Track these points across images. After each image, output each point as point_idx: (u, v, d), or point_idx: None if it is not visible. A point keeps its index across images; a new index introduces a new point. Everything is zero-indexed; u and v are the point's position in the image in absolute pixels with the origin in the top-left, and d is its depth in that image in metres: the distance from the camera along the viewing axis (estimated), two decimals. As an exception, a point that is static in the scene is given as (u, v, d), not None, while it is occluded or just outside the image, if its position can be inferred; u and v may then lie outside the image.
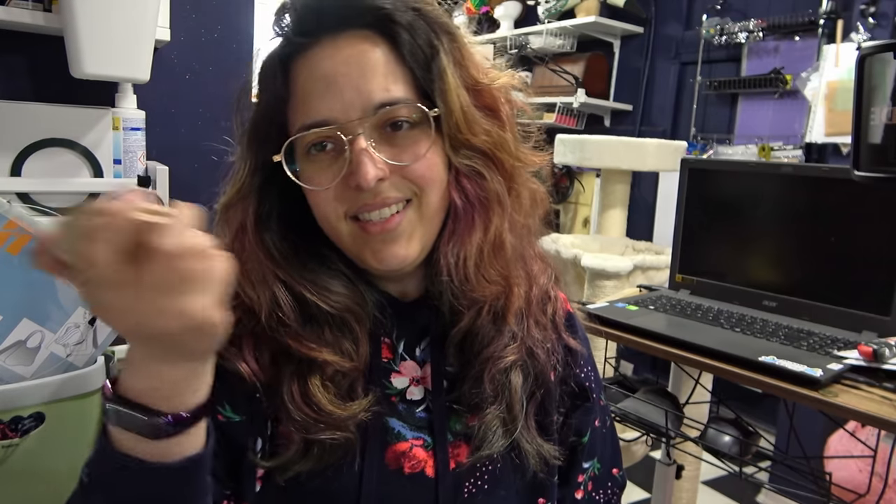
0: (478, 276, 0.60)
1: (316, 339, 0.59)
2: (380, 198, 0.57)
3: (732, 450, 1.10)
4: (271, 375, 0.59)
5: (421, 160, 0.58)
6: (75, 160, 1.36)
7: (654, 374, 3.16)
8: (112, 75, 1.29)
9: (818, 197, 1.19)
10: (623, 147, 2.36)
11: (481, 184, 0.61)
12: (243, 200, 0.60)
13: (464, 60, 0.60)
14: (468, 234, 0.61)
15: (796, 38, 2.84)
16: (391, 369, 0.64)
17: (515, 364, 0.64)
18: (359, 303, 0.61)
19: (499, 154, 0.61)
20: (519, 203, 0.64)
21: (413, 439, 0.63)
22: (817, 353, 1.01)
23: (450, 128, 0.58)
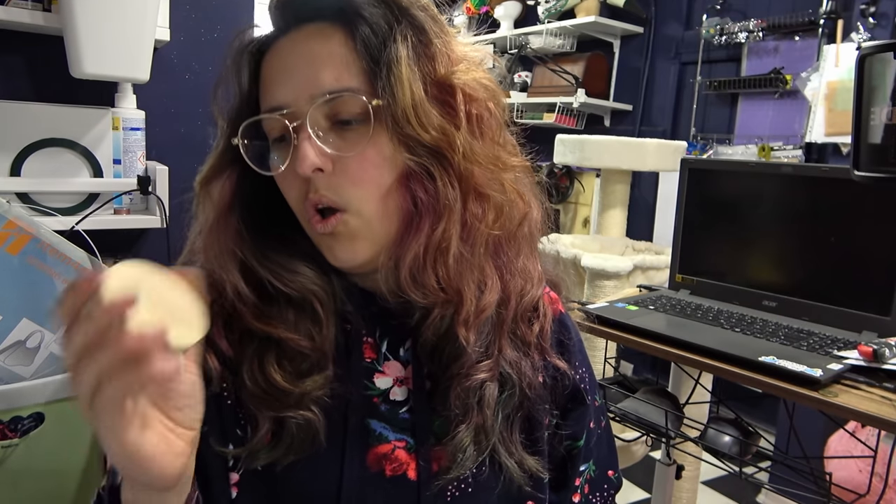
0: (411, 279, 0.58)
1: (276, 317, 0.60)
2: (318, 195, 0.58)
3: (732, 450, 1.10)
4: (238, 353, 0.60)
5: (361, 155, 0.57)
6: (75, 160, 1.36)
7: (653, 374, 3.16)
8: (112, 75, 1.30)
9: (818, 197, 1.19)
10: (623, 147, 2.36)
11: (429, 186, 0.57)
12: (219, 177, 0.62)
13: (429, 51, 0.58)
14: (410, 239, 0.58)
15: (796, 38, 2.84)
16: (374, 369, 0.64)
17: (486, 382, 0.62)
18: (322, 287, 0.61)
19: (449, 154, 0.57)
20: (484, 211, 0.59)
21: (396, 441, 0.62)
22: (817, 353, 1.01)
23: (396, 121, 0.56)
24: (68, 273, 0.94)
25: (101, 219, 1.36)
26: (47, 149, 1.33)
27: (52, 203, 1.32)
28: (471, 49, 0.64)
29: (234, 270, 0.60)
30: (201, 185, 0.62)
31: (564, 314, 0.74)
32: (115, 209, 1.41)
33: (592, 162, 2.44)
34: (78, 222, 1.28)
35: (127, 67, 1.28)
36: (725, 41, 3.00)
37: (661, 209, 3.39)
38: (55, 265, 0.93)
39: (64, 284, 0.94)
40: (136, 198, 1.43)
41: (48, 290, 0.93)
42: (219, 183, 0.62)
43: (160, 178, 1.39)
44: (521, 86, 3.96)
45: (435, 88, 0.58)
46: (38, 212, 1.29)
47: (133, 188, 1.38)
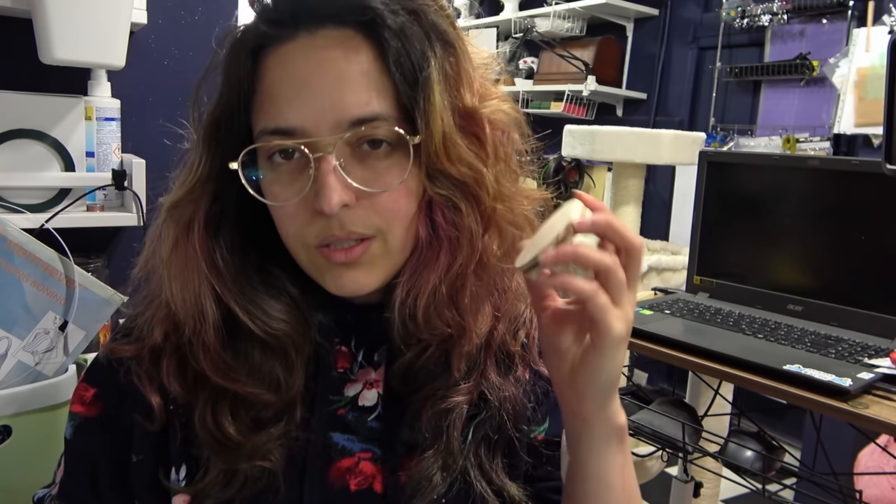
0: (427, 317, 0.58)
1: (240, 364, 0.58)
2: (345, 231, 0.55)
3: (755, 465, 1.10)
4: (190, 396, 0.59)
5: (391, 191, 0.56)
6: (45, 153, 1.35)
7: (670, 383, 3.16)
8: (84, 61, 1.29)
9: (847, 192, 1.19)
10: (636, 139, 2.36)
11: (454, 218, 0.58)
12: (194, 201, 0.58)
13: (457, 75, 0.57)
14: (428, 271, 0.59)
15: (824, 21, 2.84)
16: (347, 379, 0.64)
17: (460, 405, 0.61)
18: (299, 330, 0.60)
19: (477, 190, 0.57)
20: (498, 243, 0.60)
21: (361, 452, 0.62)
22: (846, 361, 1.02)
23: (428, 155, 0.55)
24: (37, 275, 0.94)
25: (73, 216, 1.36)
26: (14, 140, 1.32)
27: (19, 199, 1.32)
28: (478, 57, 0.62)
29: (207, 306, 0.57)
30: (174, 205, 0.59)
31: None
32: (88, 205, 1.41)
33: (604, 155, 2.45)
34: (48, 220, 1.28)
35: (101, 53, 1.28)
36: (747, 24, 3.00)
37: (678, 206, 3.39)
38: (23, 266, 0.93)
39: (33, 287, 0.94)
40: (111, 193, 1.43)
41: (16, 293, 0.92)
42: (197, 204, 0.59)
43: (137, 173, 1.39)
44: (527, 73, 3.96)
45: (461, 118, 0.57)
46: (5, 209, 1.29)
47: (107, 183, 1.38)
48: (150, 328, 0.61)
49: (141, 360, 0.61)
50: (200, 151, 0.58)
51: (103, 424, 0.64)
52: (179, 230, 0.59)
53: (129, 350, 0.62)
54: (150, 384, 0.60)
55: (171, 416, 0.61)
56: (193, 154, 0.59)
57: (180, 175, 0.60)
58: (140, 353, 0.61)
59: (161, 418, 0.60)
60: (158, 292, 0.60)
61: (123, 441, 0.63)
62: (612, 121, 3.69)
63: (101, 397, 0.65)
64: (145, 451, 0.62)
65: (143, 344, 0.61)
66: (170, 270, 0.59)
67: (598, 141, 2.41)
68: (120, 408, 0.63)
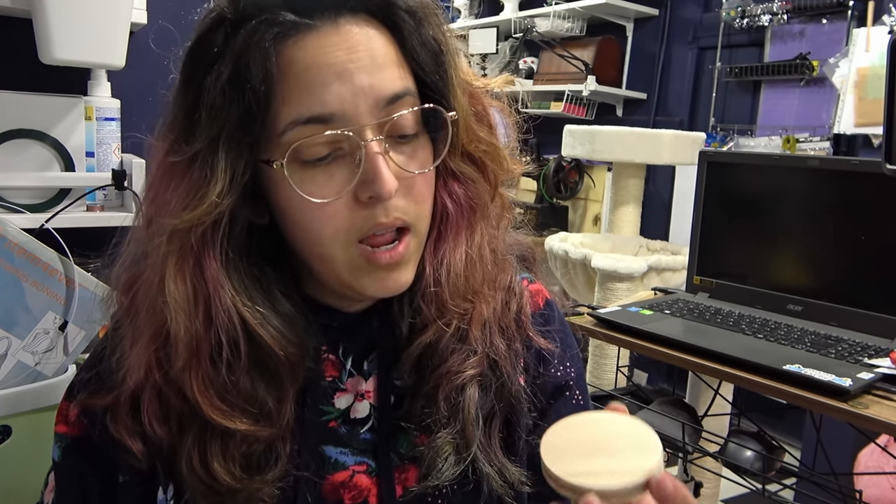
0: (465, 287, 0.61)
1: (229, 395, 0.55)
2: (390, 217, 0.55)
3: (755, 465, 1.11)
4: (175, 440, 0.56)
5: (423, 174, 0.57)
6: (45, 153, 1.36)
7: (670, 383, 3.16)
8: (84, 61, 1.29)
9: (847, 192, 1.19)
10: (636, 139, 2.36)
11: (471, 189, 0.61)
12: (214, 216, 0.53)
13: (459, 59, 0.60)
14: (456, 243, 0.61)
15: (824, 21, 2.85)
16: (336, 388, 0.63)
17: (473, 379, 0.61)
18: (300, 353, 0.58)
19: (490, 164, 0.62)
20: (497, 212, 0.65)
21: (355, 465, 0.61)
22: (846, 361, 1.02)
23: (457, 132, 0.59)
24: (37, 275, 0.94)
25: (73, 216, 1.36)
26: (14, 140, 1.33)
27: (19, 199, 1.32)
28: None
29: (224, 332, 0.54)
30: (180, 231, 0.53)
31: (550, 300, 0.73)
32: (88, 205, 1.41)
33: (603, 155, 2.45)
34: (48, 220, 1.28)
35: (101, 53, 1.28)
36: (747, 24, 3.00)
37: (678, 206, 3.39)
38: (23, 266, 0.93)
39: (33, 287, 0.94)
40: (111, 193, 1.43)
41: (16, 293, 0.93)
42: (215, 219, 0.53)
43: (136, 173, 1.39)
44: (527, 73, 3.96)
45: (469, 96, 0.61)
46: (5, 209, 1.29)
47: (107, 183, 1.38)
48: (128, 369, 0.56)
49: (118, 410, 0.58)
50: (218, 158, 0.53)
51: (90, 444, 0.63)
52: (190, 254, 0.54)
53: (103, 401, 0.59)
54: (131, 435, 0.58)
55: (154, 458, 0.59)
56: (199, 166, 0.53)
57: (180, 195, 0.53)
58: (116, 402, 0.58)
59: (147, 461, 0.59)
60: (146, 327, 0.56)
61: (109, 460, 0.62)
62: (611, 121, 3.69)
63: (84, 416, 0.63)
64: (131, 473, 0.61)
65: (120, 390, 0.58)
66: (176, 299, 0.53)
67: (598, 141, 2.41)
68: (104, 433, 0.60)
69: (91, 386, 0.62)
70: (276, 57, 0.52)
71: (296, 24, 0.52)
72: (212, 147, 0.53)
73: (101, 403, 0.60)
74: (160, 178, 0.55)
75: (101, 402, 0.60)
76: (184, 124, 0.54)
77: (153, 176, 0.57)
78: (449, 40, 0.59)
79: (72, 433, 0.64)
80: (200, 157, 0.53)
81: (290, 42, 0.52)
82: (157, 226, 0.55)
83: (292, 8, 0.52)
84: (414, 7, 0.56)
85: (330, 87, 0.52)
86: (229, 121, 0.52)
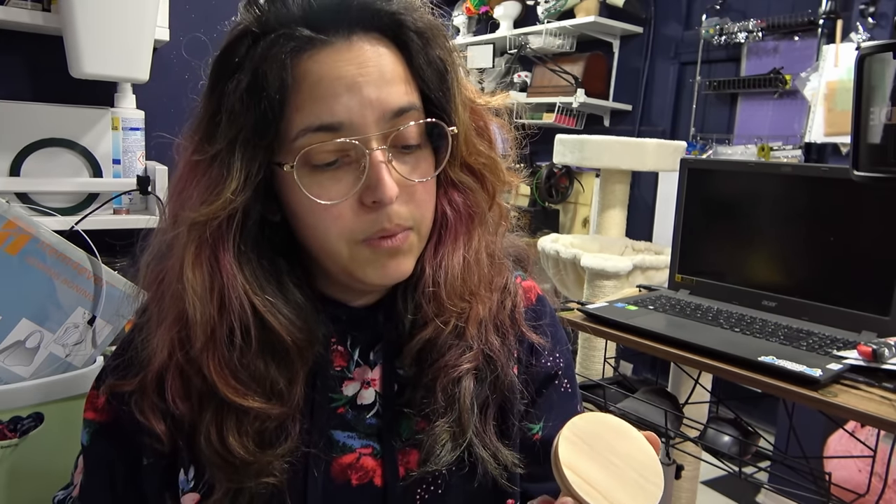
0: (462, 288, 0.61)
1: (244, 375, 0.55)
2: (393, 224, 0.55)
3: (732, 450, 1.10)
4: (195, 415, 0.57)
5: (425, 182, 0.58)
6: (74, 160, 1.36)
7: (653, 374, 3.16)
8: (111, 75, 1.29)
9: (817, 197, 1.19)
10: (622, 147, 2.36)
11: (470, 198, 0.62)
12: (225, 214, 0.54)
13: (463, 76, 0.60)
14: (454, 247, 0.62)
15: (796, 38, 2.84)
16: (344, 377, 0.63)
17: (469, 372, 0.62)
18: (309, 339, 0.58)
19: (489, 175, 0.63)
20: (495, 219, 0.66)
21: (361, 448, 0.62)
22: (817, 353, 1.02)
23: (457, 145, 0.59)
24: (67, 273, 0.94)
25: (101, 219, 1.36)
26: (47, 149, 1.33)
27: (51, 203, 1.32)
28: None
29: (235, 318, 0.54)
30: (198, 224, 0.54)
31: (541, 296, 0.73)
32: (115, 209, 1.41)
33: (592, 162, 2.45)
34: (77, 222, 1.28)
35: (126, 67, 1.28)
36: (725, 41, 3.00)
37: (661, 209, 3.39)
38: (54, 265, 0.93)
39: (63, 284, 0.94)
40: (136, 198, 1.43)
41: (48, 290, 0.93)
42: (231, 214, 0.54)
43: (159, 178, 1.39)
44: (521, 86, 3.96)
45: (471, 112, 0.61)
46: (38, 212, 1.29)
47: (132, 188, 1.38)
48: (153, 349, 0.57)
49: (145, 389, 0.58)
50: (230, 159, 0.53)
51: (116, 429, 0.63)
52: (206, 245, 0.55)
53: (130, 384, 0.60)
54: (154, 414, 0.58)
55: (176, 436, 0.59)
56: (218, 165, 0.54)
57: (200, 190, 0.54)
58: (143, 382, 0.59)
59: (169, 442, 0.59)
60: (170, 311, 0.56)
61: (134, 445, 0.62)
62: (599, 130, 3.68)
63: (111, 402, 0.64)
64: (154, 456, 0.61)
65: (146, 371, 0.58)
66: (193, 286, 0.54)
67: (586, 149, 2.41)
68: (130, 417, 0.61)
69: (119, 372, 0.62)
70: (291, 69, 0.52)
71: (311, 39, 0.53)
72: (230, 148, 0.53)
73: (129, 387, 0.60)
74: (185, 174, 0.56)
75: (129, 386, 0.60)
76: (207, 126, 0.55)
77: (180, 172, 0.57)
78: (455, 60, 0.59)
79: (99, 419, 0.64)
80: (220, 157, 0.54)
81: (306, 56, 0.53)
82: (181, 218, 0.56)
83: (309, 24, 0.53)
84: (422, 28, 0.56)
85: (340, 98, 0.52)
86: (246, 125, 0.53)
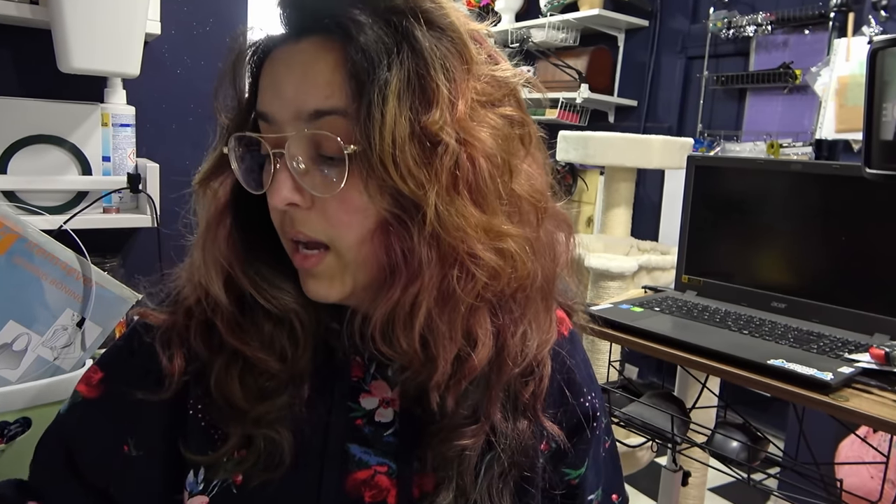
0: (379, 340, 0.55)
1: (251, 332, 0.59)
2: (294, 230, 0.55)
3: (740, 456, 1.10)
4: (211, 360, 0.61)
5: (342, 197, 0.53)
6: (63, 157, 1.36)
7: (659, 377, 3.16)
8: (101, 70, 1.29)
9: (829, 195, 1.19)
10: (627, 144, 2.36)
11: (406, 243, 0.53)
12: (217, 178, 0.61)
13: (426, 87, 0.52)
14: (382, 296, 0.55)
15: (806, 32, 2.84)
16: (361, 389, 0.63)
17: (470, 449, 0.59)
18: (305, 306, 0.59)
19: (424, 210, 0.52)
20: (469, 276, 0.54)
21: (377, 465, 0.61)
22: (828, 356, 1.01)
23: (371, 166, 0.51)
24: (56, 274, 0.94)
25: (90, 218, 1.36)
26: (34, 146, 1.33)
27: (39, 202, 1.32)
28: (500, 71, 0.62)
29: (217, 278, 0.59)
30: (199, 184, 0.61)
31: (573, 332, 0.72)
32: (105, 208, 1.41)
33: (596, 159, 2.45)
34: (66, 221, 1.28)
35: (116, 62, 1.28)
36: (733, 35, 3.00)
37: (667, 208, 3.39)
38: (42, 265, 0.93)
39: (52, 286, 0.94)
40: (126, 196, 1.43)
41: (35, 291, 0.92)
42: (216, 184, 0.61)
43: (151, 176, 1.39)
44: (523, 81, 3.96)
45: (423, 133, 0.52)
46: (25, 210, 1.29)
47: (123, 186, 1.38)
48: (187, 293, 0.62)
49: (173, 326, 0.62)
50: (220, 135, 0.60)
51: (101, 408, 0.65)
52: (206, 206, 0.61)
53: (160, 319, 0.63)
54: (179, 348, 0.61)
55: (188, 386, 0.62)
56: (218, 138, 0.61)
57: (207, 156, 0.62)
58: (174, 320, 0.62)
59: (175, 384, 0.61)
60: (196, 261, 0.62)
61: (120, 430, 0.63)
62: (604, 127, 3.68)
63: (106, 382, 0.65)
64: (148, 449, 0.62)
65: (177, 309, 0.63)
66: (197, 242, 0.61)
67: (590, 146, 2.41)
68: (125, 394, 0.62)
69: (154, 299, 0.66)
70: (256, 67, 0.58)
71: (274, 41, 0.57)
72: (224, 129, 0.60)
73: (159, 321, 0.63)
74: None
75: (159, 320, 0.63)
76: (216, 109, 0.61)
77: None
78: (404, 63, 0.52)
79: (87, 394, 0.65)
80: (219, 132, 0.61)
81: (269, 55, 0.57)
82: None
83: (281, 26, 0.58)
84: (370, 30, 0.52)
85: (268, 94, 0.56)
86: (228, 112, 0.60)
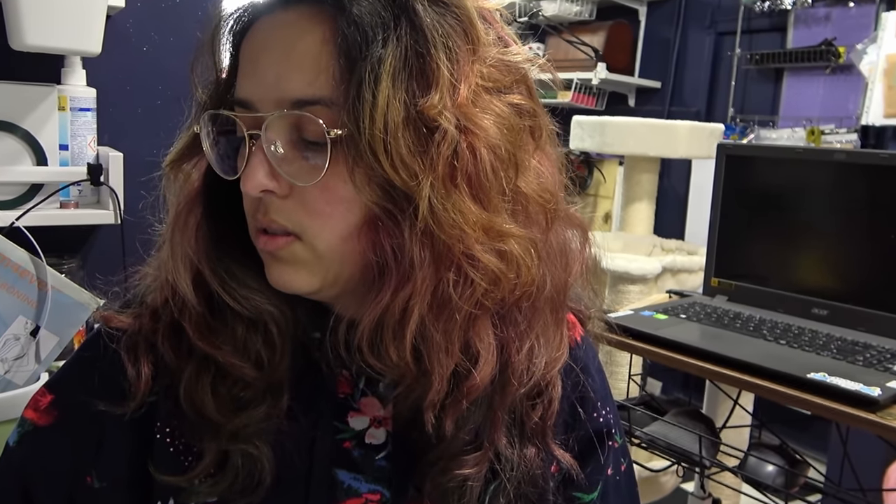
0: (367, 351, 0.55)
1: (222, 335, 0.59)
2: (267, 218, 0.56)
3: (777, 481, 1.11)
4: (180, 366, 0.60)
5: (323, 185, 0.53)
6: (15, 145, 1.36)
7: (686, 393, 3.16)
8: (57, 47, 1.29)
9: (876, 188, 1.19)
10: (650, 130, 2.37)
11: (397, 240, 0.52)
12: (189, 160, 0.61)
13: (425, 67, 0.52)
14: (370, 300, 0.54)
15: (850, 5, 2.85)
16: (349, 406, 0.63)
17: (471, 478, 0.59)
18: (280, 308, 0.59)
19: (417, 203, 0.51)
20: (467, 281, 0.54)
21: (368, 493, 0.61)
22: (875, 368, 1.02)
23: (359, 153, 0.51)
24: (7, 277, 0.94)
25: (46, 213, 1.36)
26: (-17, 132, 1.33)
27: (-12, 195, 1.32)
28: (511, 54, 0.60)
29: (185, 274, 0.59)
30: (170, 166, 0.61)
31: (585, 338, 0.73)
32: (62, 202, 1.41)
33: (615, 148, 2.45)
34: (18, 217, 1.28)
35: (75, 38, 1.28)
36: (769, 8, 3.00)
37: (694, 203, 3.39)
38: (-8, 267, 0.93)
39: (2, 290, 0.94)
40: (86, 189, 1.43)
41: (-16, 296, 0.93)
42: (188, 167, 0.61)
43: (114, 167, 1.39)
44: (533, 60, 3.97)
45: (419, 118, 0.51)
46: (-27, 205, 1.29)
47: (82, 178, 1.38)
48: (152, 291, 0.63)
49: (139, 330, 0.62)
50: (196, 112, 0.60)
51: (56, 435, 0.64)
52: (178, 190, 0.61)
53: (125, 323, 0.63)
54: (145, 354, 0.61)
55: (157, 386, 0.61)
56: (193, 118, 0.60)
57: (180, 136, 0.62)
58: (140, 324, 0.62)
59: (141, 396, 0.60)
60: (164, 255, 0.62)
61: (81, 459, 0.63)
62: (623, 111, 3.69)
63: (57, 406, 0.64)
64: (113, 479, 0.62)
65: (143, 311, 0.63)
66: (165, 234, 0.61)
67: (608, 133, 2.42)
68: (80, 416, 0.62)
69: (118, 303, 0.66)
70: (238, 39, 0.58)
71: (257, 9, 0.57)
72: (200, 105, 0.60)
73: (123, 323, 0.63)
74: None
75: (124, 323, 0.63)
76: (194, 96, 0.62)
77: None
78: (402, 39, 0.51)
79: (38, 421, 0.65)
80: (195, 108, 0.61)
81: (251, 26, 0.57)
82: None
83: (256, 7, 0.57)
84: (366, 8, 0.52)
85: (247, 76, 0.56)
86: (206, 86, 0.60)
